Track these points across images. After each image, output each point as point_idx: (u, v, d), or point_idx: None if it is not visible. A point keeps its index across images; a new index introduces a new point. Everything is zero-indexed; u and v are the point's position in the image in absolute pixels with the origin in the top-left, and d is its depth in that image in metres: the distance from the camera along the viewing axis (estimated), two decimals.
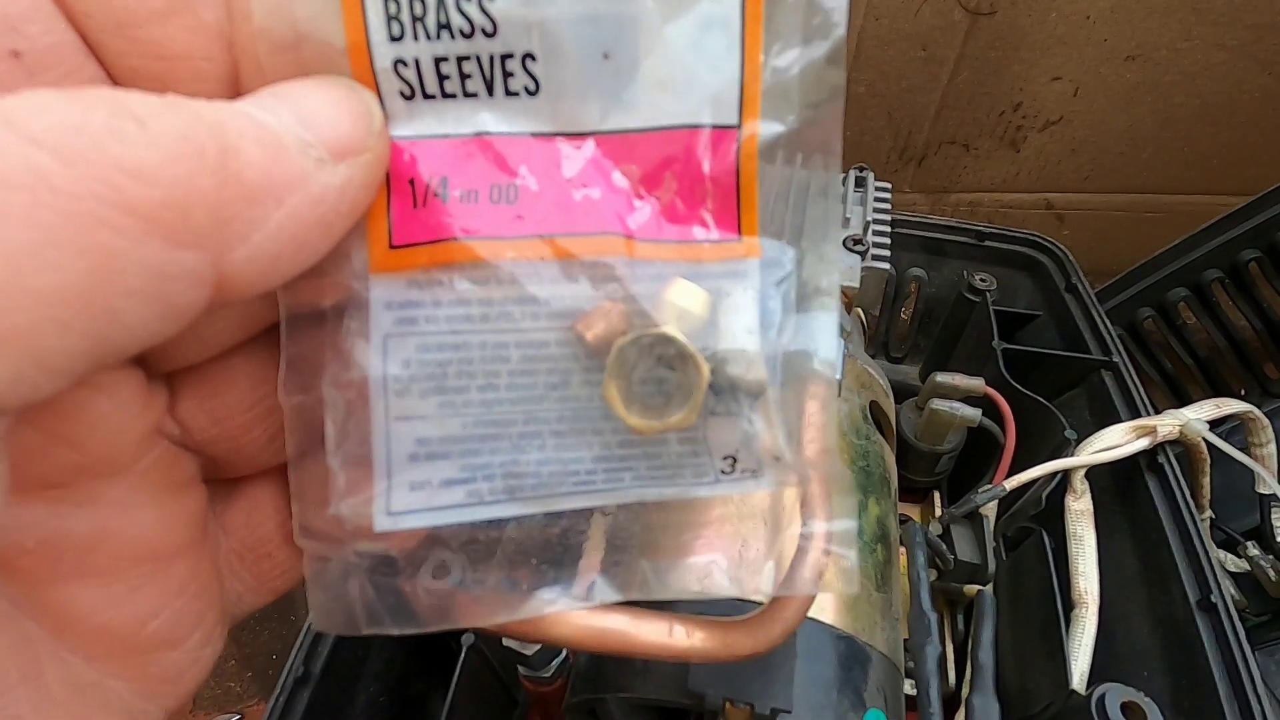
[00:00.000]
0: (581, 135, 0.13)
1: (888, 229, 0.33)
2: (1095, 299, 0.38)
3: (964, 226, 0.43)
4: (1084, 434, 0.33)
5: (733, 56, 0.13)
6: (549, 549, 0.15)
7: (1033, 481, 0.32)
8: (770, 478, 0.14)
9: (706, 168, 0.13)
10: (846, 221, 0.35)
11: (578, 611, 0.15)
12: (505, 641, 0.29)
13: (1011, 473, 0.33)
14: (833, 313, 0.15)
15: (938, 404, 0.34)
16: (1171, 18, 0.56)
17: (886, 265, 0.33)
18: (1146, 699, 0.25)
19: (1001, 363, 0.36)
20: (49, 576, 0.12)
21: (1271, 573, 0.37)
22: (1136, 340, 0.48)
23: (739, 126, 0.13)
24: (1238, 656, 0.26)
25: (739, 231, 0.14)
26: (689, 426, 0.14)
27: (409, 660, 0.35)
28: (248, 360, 0.14)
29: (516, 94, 0.13)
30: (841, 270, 0.33)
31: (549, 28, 0.12)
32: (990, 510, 0.33)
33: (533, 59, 0.13)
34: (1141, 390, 0.34)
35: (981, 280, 0.41)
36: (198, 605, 0.14)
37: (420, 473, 0.13)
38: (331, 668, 0.29)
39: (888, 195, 0.35)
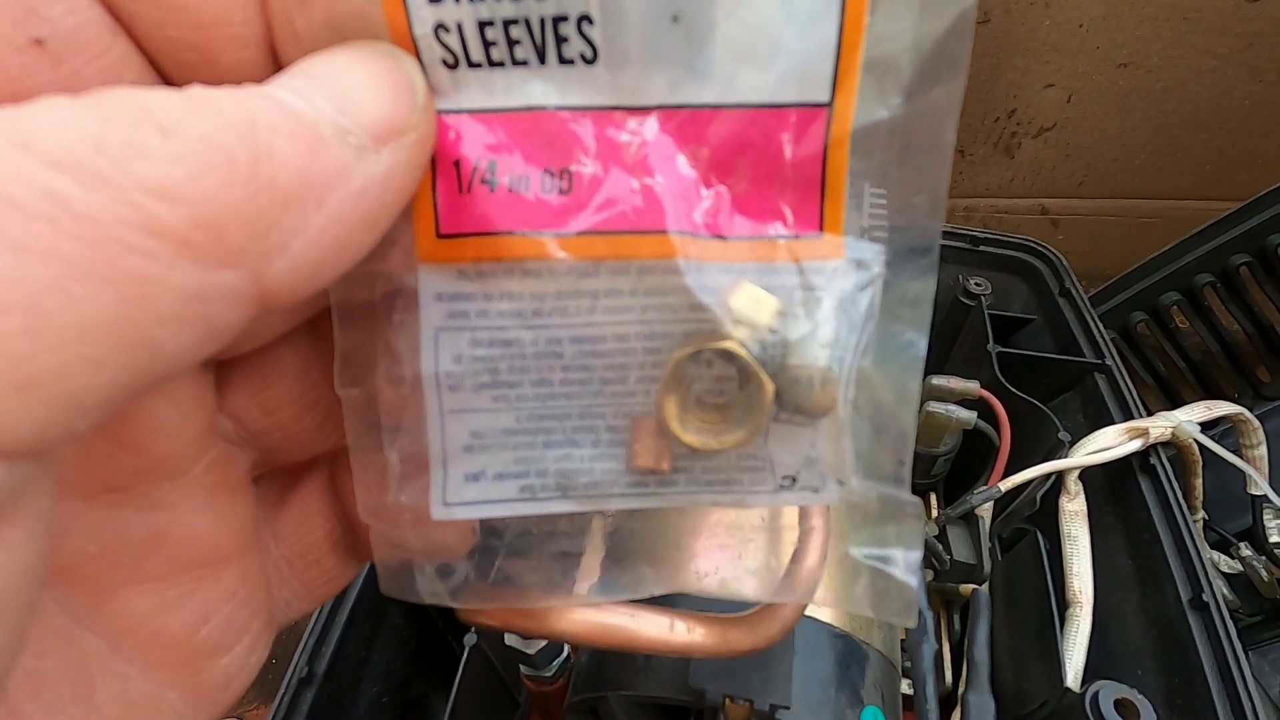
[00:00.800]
0: (645, 110, 0.12)
1: (884, 235, 0.34)
2: (1089, 303, 0.39)
3: (959, 231, 0.43)
4: (1078, 436, 0.33)
5: (830, 20, 0.11)
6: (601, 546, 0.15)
7: (1027, 483, 0.32)
8: (833, 495, 0.13)
9: (789, 153, 0.12)
10: None
11: (580, 608, 0.16)
12: (508, 640, 0.29)
13: (1006, 474, 0.33)
14: (924, 329, 0.13)
15: (934, 407, 0.34)
16: (1163, 26, 0.57)
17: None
18: (1140, 696, 0.25)
19: (996, 366, 0.36)
20: (109, 583, 0.12)
21: (1264, 573, 0.37)
22: (1130, 344, 0.49)
23: (830, 106, 0.11)
24: (1229, 654, 0.26)
25: (821, 227, 0.12)
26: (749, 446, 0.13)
27: (412, 661, 0.35)
28: (295, 348, 0.13)
29: (571, 62, 0.11)
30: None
31: None
32: (986, 511, 0.33)
33: (589, 21, 0.11)
34: (1134, 393, 0.35)
35: (977, 285, 0.41)
36: (247, 611, 0.13)
37: (475, 464, 0.13)
38: (335, 669, 0.29)
39: (883, 201, 0.36)
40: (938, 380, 0.35)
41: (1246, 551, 0.38)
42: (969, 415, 0.34)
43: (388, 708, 0.33)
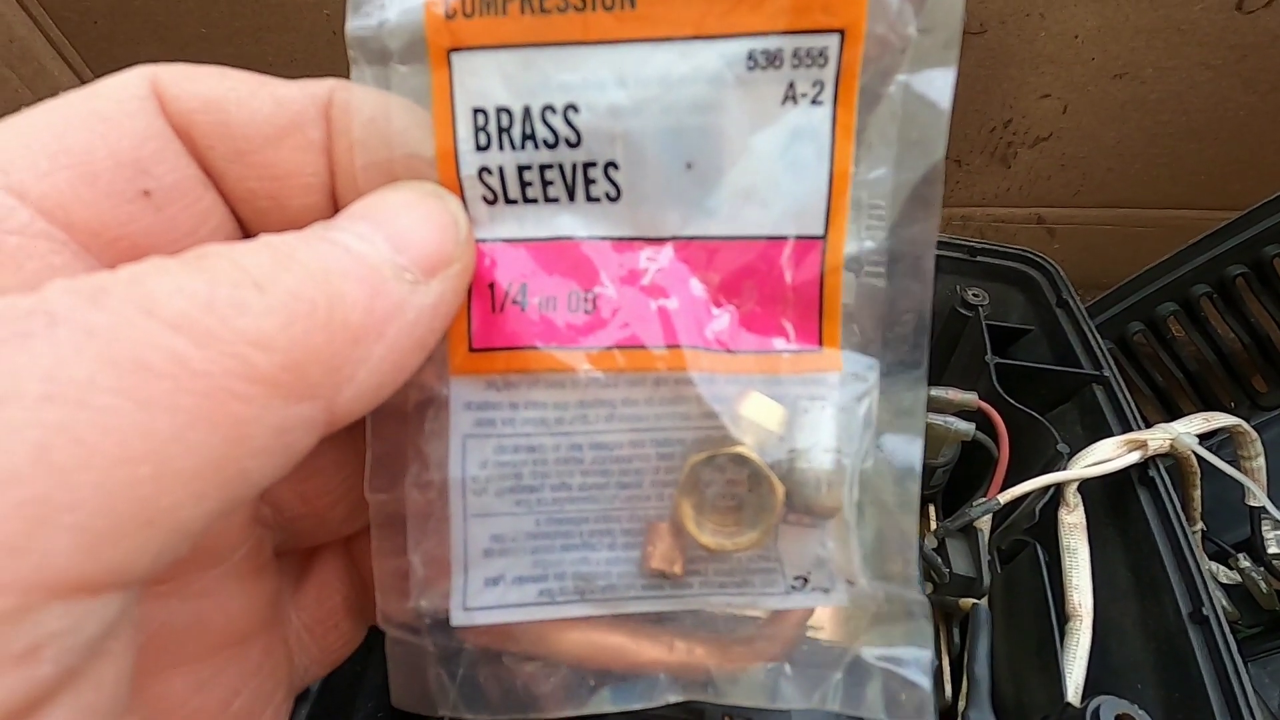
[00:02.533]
0: (661, 241, 0.13)
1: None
2: (1086, 314, 0.39)
3: (956, 242, 0.43)
4: (1076, 447, 0.33)
5: (821, 168, 0.12)
6: None
7: (1026, 495, 0.32)
8: (842, 596, 0.14)
9: (789, 278, 0.13)
10: None
11: (579, 628, 0.15)
12: (505, 659, 0.29)
13: (1005, 486, 0.33)
14: (918, 436, 0.14)
15: (932, 418, 0.34)
16: (1158, 38, 0.58)
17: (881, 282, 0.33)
18: (1141, 711, 0.25)
19: (994, 377, 0.36)
20: (152, 669, 0.12)
21: (1263, 584, 0.37)
22: (1127, 354, 0.49)
23: (824, 238, 0.13)
24: (1229, 668, 0.26)
25: (820, 342, 0.13)
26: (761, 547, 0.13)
27: None
28: (336, 444, 0.14)
29: (597, 199, 0.13)
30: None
31: (633, 139, 0.12)
32: (984, 524, 0.33)
33: (615, 167, 0.12)
34: (1132, 404, 0.35)
35: (974, 295, 0.41)
36: (271, 683, 0.14)
37: (494, 568, 0.13)
38: (329, 683, 0.29)
39: (882, 212, 0.36)
40: (936, 392, 0.35)
41: (1245, 563, 0.38)
42: (968, 427, 0.34)
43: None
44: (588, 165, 0.12)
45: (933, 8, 0.12)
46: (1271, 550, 0.36)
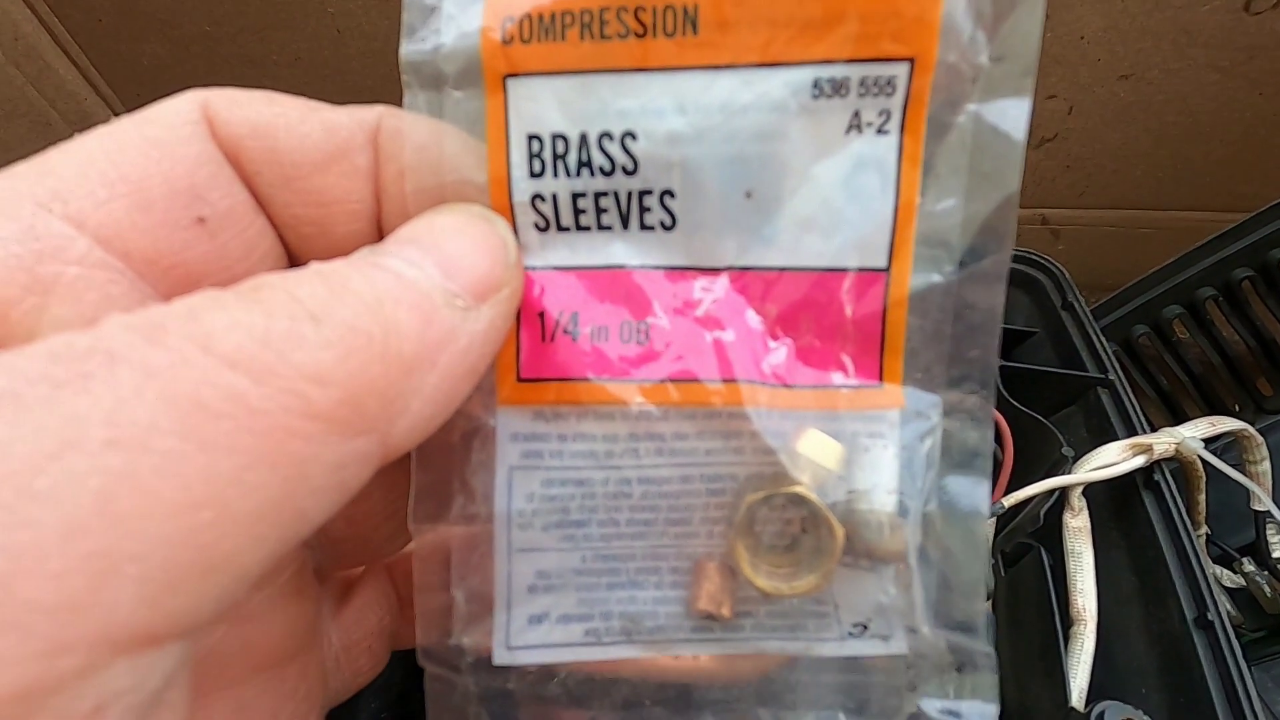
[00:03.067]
0: (716, 271, 0.13)
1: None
2: (1091, 316, 0.39)
3: None
4: (1081, 451, 0.33)
5: (886, 199, 0.12)
6: (663, 692, 0.14)
7: (1030, 498, 0.32)
8: (902, 644, 0.13)
9: (849, 311, 0.13)
10: None
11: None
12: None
13: (1009, 490, 0.33)
14: (984, 478, 0.13)
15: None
16: (1164, 39, 0.57)
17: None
18: (1145, 717, 0.25)
19: (1000, 380, 0.36)
20: (196, 694, 0.12)
21: (1267, 588, 0.37)
22: (1132, 356, 0.49)
23: (888, 271, 0.12)
24: (1234, 673, 0.26)
25: (881, 378, 0.13)
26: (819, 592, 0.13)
27: (409, 677, 0.35)
28: (384, 468, 0.14)
29: (652, 228, 0.12)
30: None
31: (691, 167, 0.12)
32: (989, 527, 0.33)
33: (671, 196, 0.12)
34: (1138, 408, 0.35)
35: None
36: (306, 705, 0.14)
37: (539, 605, 0.13)
38: None
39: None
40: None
41: (1249, 567, 0.38)
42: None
43: (398, 683, 0.33)
44: (643, 193, 0.12)
45: (1007, 35, 0.11)
46: (1276, 554, 0.36)
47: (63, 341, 0.09)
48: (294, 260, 0.13)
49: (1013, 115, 0.12)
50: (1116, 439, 0.33)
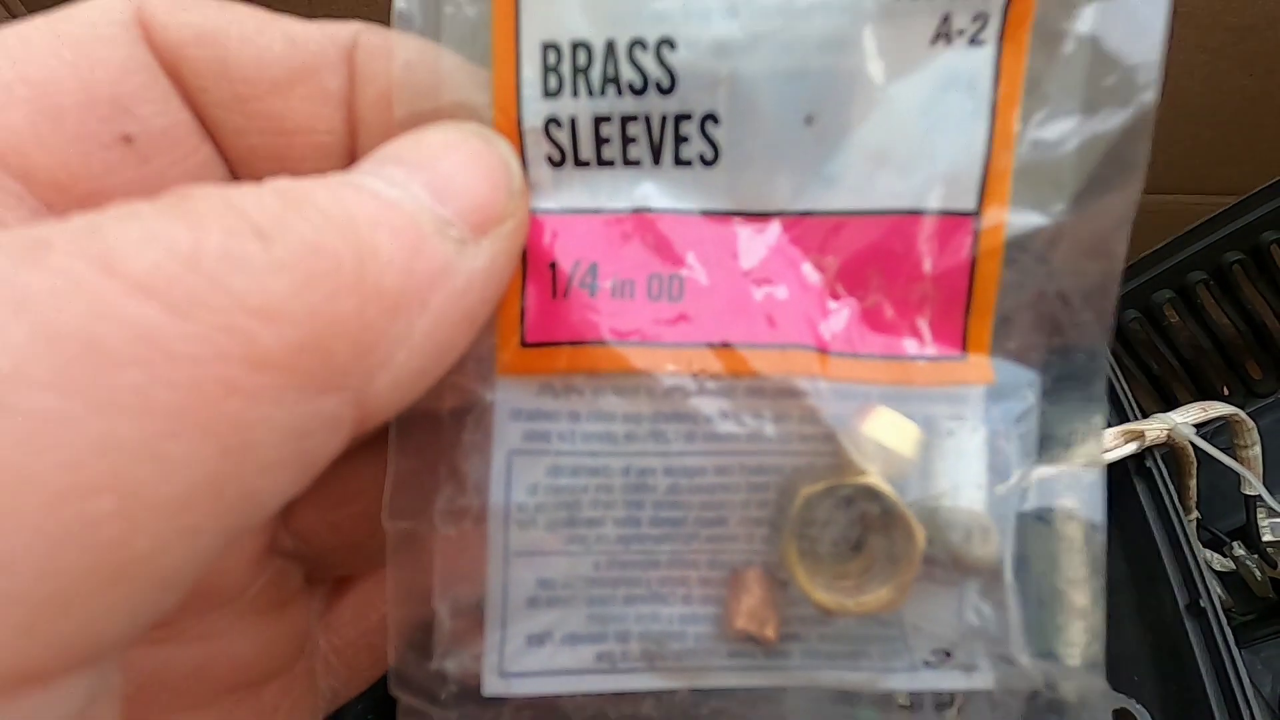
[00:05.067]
0: (766, 216, 0.10)
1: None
2: None
3: None
4: None
5: (979, 123, 0.10)
6: None
7: None
8: (988, 676, 0.11)
9: (928, 265, 0.10)
10: None
11: None
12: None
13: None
14: (1097, 469, 0.11)
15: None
16: None
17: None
18: (1138, 706, 0.25)
19: None
20: (145, 716, 0.10)
21: (1257, 572, 0.37)
22: (1123, 342, 0.49)
23: (978, 214, 0.10)
24: (1226, 660, 0.26)
25: (964, 348, 0.11)
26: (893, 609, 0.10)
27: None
28: (370, 461, 0.12)
29: (689, 163, 0.10)
30: None
31: (741, 85, 0.10)
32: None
33: (714, 121, 0.10)
34: (1129, 394, 0.35)
35: None
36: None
37: (541, 622, 0.11)
38: None
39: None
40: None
41: (1239, 551, 0.38)
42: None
43: (366, 709, 0.32)
44: (680, 118, 0.10)
45: None
46: (1266, 538, 0.36)
47: None
48: None
49: (1144, 14, 0.10)
50: (1108, 426, 0.33)
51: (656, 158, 0.10)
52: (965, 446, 0.10)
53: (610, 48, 0.10)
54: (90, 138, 0.09)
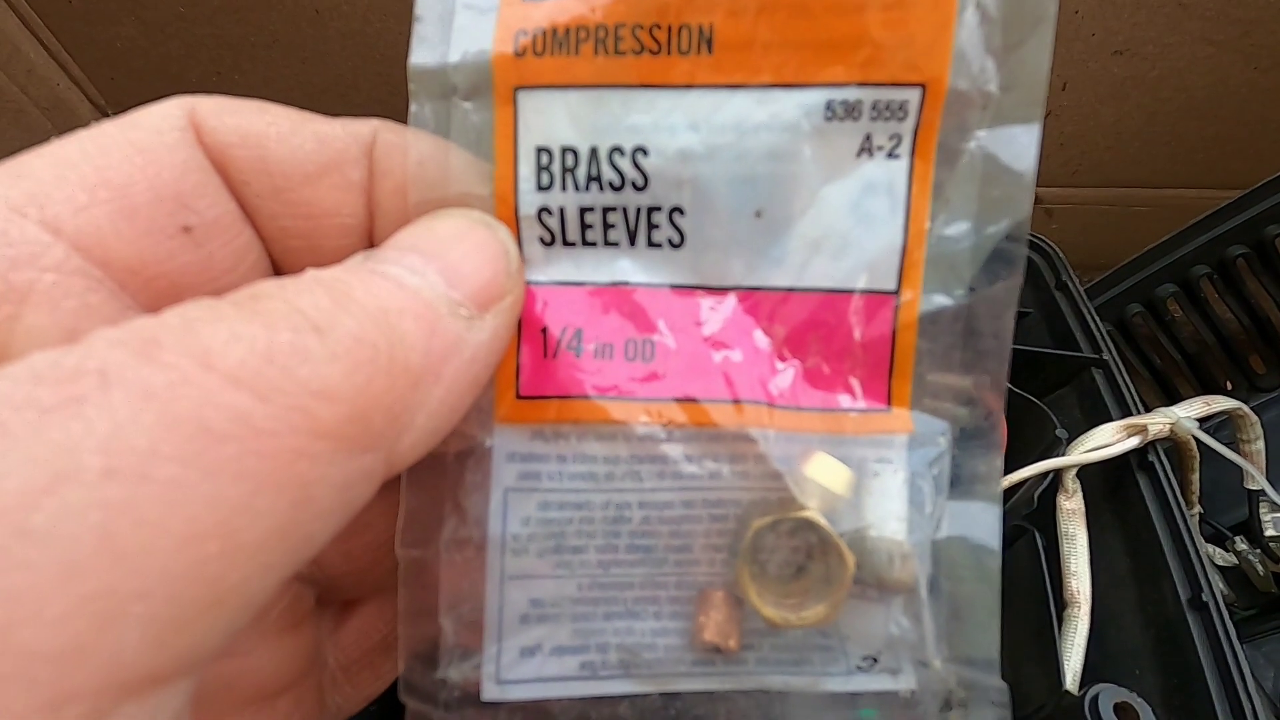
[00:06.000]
0: (724, 290, 0.13)
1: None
2: (1085, 296, 0.38)
3: None
4: (1075, 432, 0.33)
5: (896, 222, 0.12)
6: None
7: (1024, 481, 0.32)
8: (911, 678, 0.13)
9: (858, 334, 0.13)
10: None
11: None
12: None
13: (1003, 473, 0.33)
14: (995, 504, 0.13)
15: (929, 404, 0.34)
16: (1159, 13, 0.57)
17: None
18: (1139, 699, 0.25)
19: None
20: None
21: (1259, 567, 0.37)
22: (1126, 336, 0.49)
23: (897, 294, 0.12)
24: (1228, 654, 0.26)
25: (889, 402, 0.13)
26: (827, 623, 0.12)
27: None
28: (380, 496, 0.13)
29: (659, 245, 0.12)
30: None
31: (702, 184, 0.12)
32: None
33: (681, 213, 0.12)
34: (1132, 388, 0.34)
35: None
36: None
37: (532, 636, 0.13)
38: None
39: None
40: (933, 376, 0.35)
41: (1242, 545, 0.38)
42: (965, 412, 0.33)
43: (375, 716, 0.32)
44: (652, 209, 0.12)
45: (1016, 65, 0.12)
46: (1269, 533, 0.36)
47: (47, 361, 0.08)
48: (280, 274, 0.13)
49: (1022, 142, 0.12)
50: (1111, 420, 0.32)
51: (633, 240, 0.12)
52: (889, 486, 0.12)
53: (594, 153, 0.12)
54: (159, 230, 0.11)
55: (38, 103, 0.56)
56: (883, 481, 0.12)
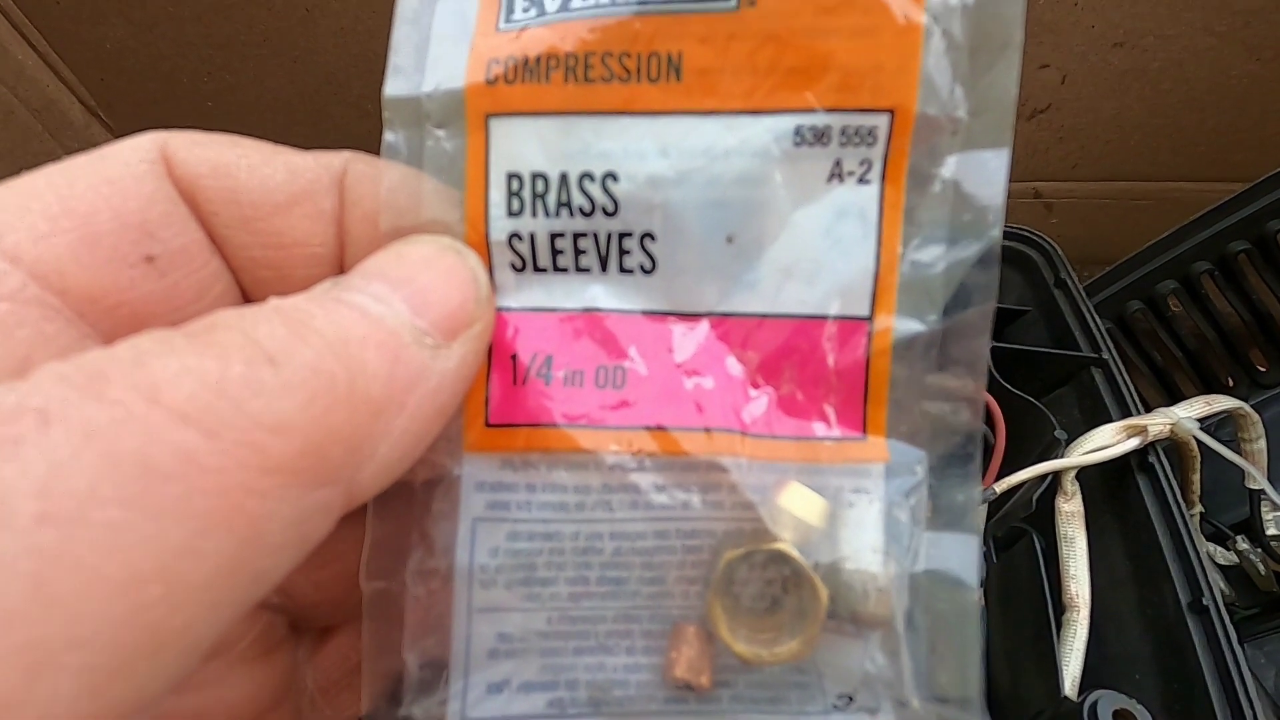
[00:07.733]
0: (696, 316, 0.12)
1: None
2: (1084, 293, 0.38)
3: None
4: (1074, 432, 0.32)
5: (868, 247, 0.12)
6: None
7: (1023, 483, 0.32)
8: (891, 717, 0.12)
9: (831, 361, 0.12)
10: None
11: None
12: None
13: (1001, 474, 0.32)
14: (974, 535, 0.13)
15: (929, 406, 0.33)
16: (1159, 4, 0.56)
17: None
18: (1139, 705, 0.24)
19: (991, 361, 0.36)
20: None
21: (1260, 566, 0.37)
22: (1125, 333, 0.48)
23: (870, 320, 0.12)
24: (1229, 659, 0.26)
25: (864, 430, 0.12)
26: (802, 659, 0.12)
27: None
28: (352, 528, 0.13)
29: (631, 271, 0.12)
30: None
31: (673, 210, 0.12)
32: (980, 513, 0.32)
33: (652, 239, 0.12)
34: (1132, 388, 0.34)
35: None
36: None
37: (500, 671, 0.12)
38: None
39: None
40: (931, 377, 0.34)
41: (1243, 545, 0.38)
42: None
43: None
44: (623, 235, 0.12)
45: (985, 90, 0.12)
46: (1270, 532, 0.36)
47: None
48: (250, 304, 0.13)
49: (992, 166, 0.12)
50: (1110, 420, 0.32)
51: (604, 266, 0.12)
52: (864, 516, 0.12)
53: (564, 179, 0.12)
54: (120, 259, 0.11)
55: (28, 104, 0.55)
56: (858, 512, 0.12)
